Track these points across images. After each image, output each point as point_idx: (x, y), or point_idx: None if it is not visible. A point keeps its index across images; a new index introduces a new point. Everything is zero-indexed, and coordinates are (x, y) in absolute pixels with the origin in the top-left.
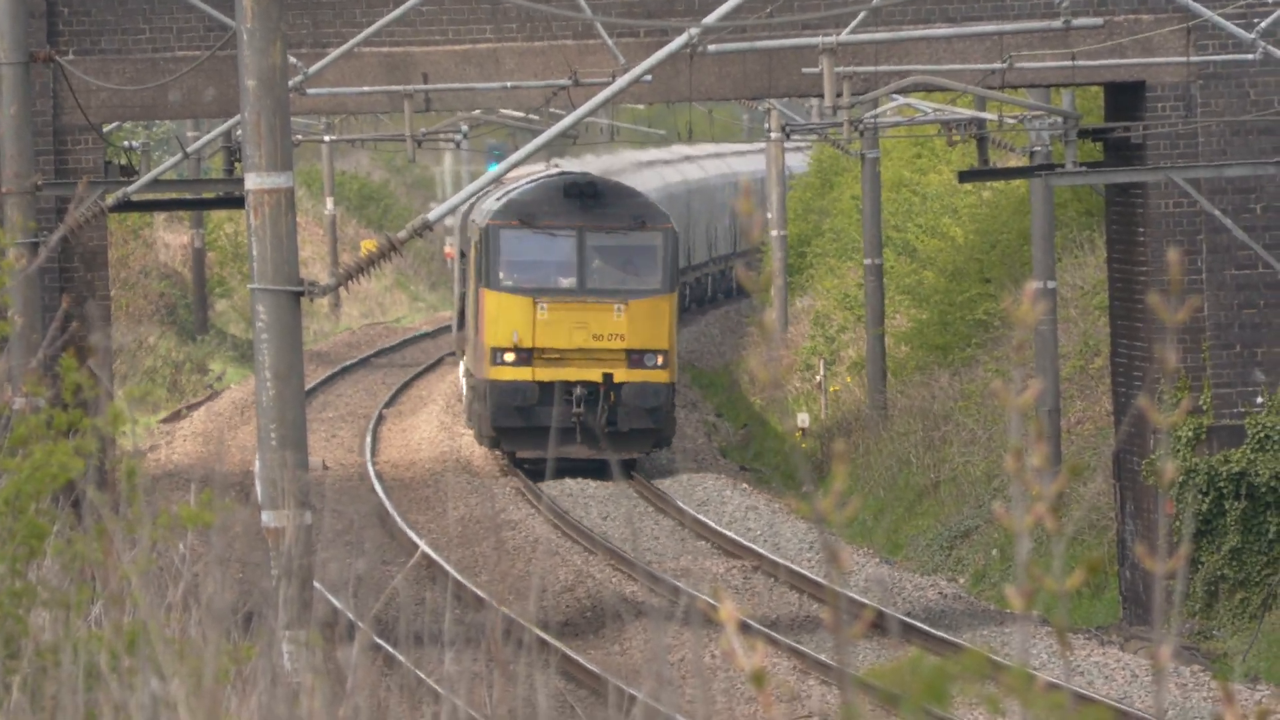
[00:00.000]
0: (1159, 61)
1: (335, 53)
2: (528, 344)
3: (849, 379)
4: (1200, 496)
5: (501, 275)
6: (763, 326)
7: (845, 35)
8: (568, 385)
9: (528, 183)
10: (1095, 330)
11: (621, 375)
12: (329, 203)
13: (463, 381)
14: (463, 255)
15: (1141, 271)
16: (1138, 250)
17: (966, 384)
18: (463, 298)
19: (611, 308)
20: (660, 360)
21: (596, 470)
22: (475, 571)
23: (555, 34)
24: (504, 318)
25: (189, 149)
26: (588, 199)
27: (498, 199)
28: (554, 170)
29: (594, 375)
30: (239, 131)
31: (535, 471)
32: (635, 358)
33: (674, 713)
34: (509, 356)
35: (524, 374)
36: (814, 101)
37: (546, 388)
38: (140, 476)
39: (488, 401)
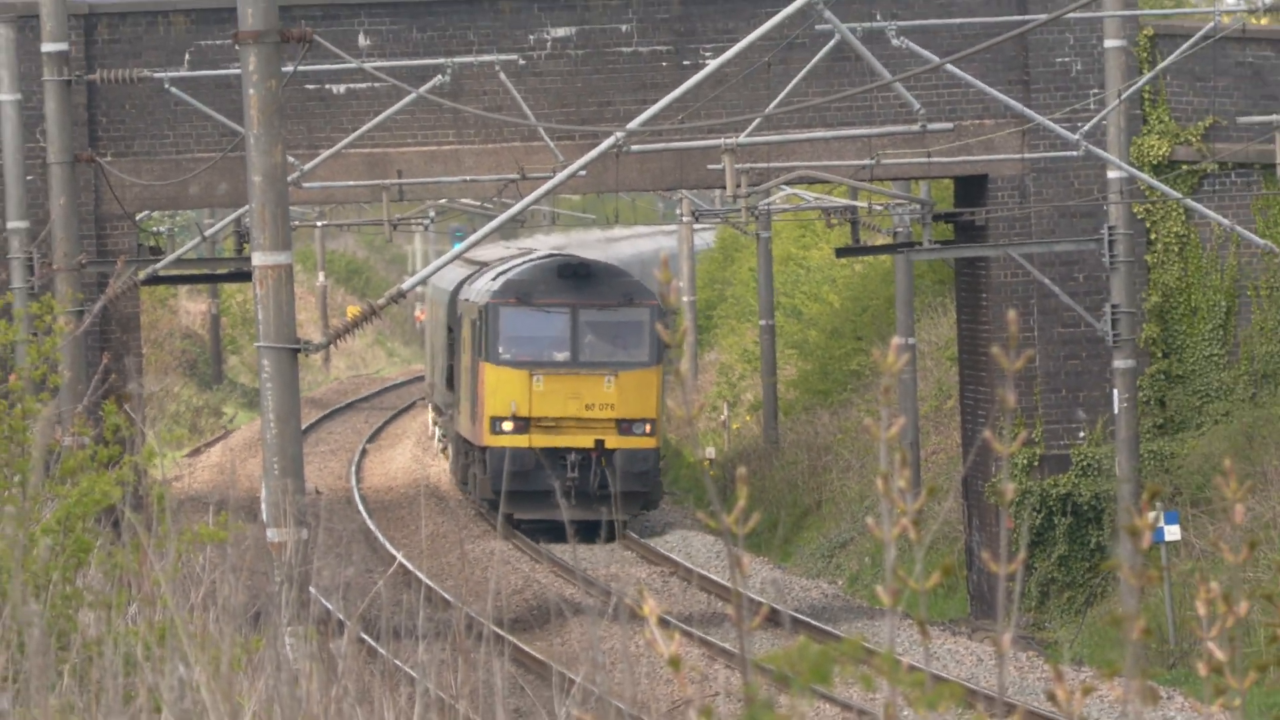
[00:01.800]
0: (999, 158)
1: (326, 154)
2: (525, 413)
3: (748, 418)
4: (1034, 513)
5: (501, 349)
6: (679, 375)
7: (742, 138)
8: (562, 452)
9: (524, 264)
10: (947, 377)
11: (613, 442)
12: (320, 275)
13: (435, 429)
14: (450, 330)
15: (985, 329)
16: (981, 312)
17: (843, 421)
18: (450, 368)
19: (602, 379)
20: (648, 428)
21: (589, 532)
22: (442, 578)
23: (506, 138)
24: (503, 389)
25: (206, 233)
26: (580, 279)
27: (494, 278)
28: (548, 253)
29: (587, 442)
30: (247, 218)
31: (532, 532)
32: (625, 425)
33: (605, 692)
34: (507, 425)
35: (521, 441)
36: (717, 191)
37: (541, 454)
38: (168, 501)
39: (488, 467)
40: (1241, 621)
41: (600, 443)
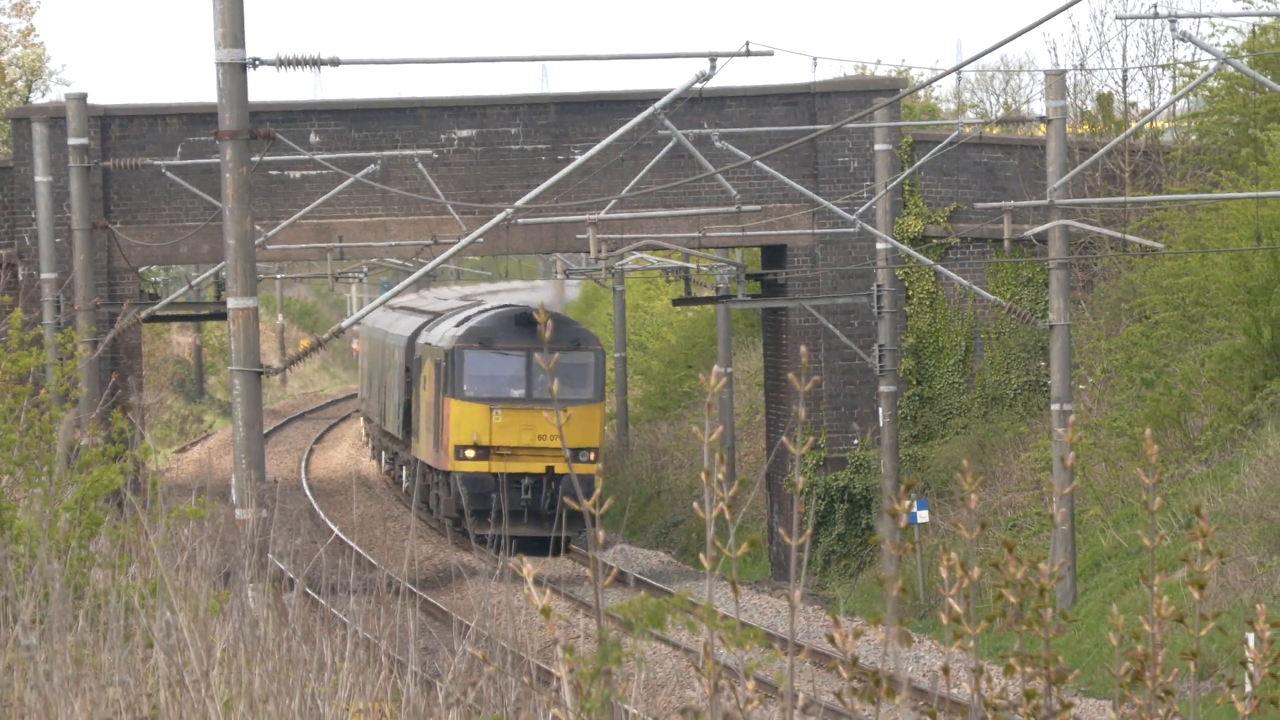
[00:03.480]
0: (795, 232)
1: (284, 223)
2: (485, 442)
3: (606, 428)
4: (820, 500)
5: (465, 387)
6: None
7: (603, 215)
8: (517, 476)
9: (484, 313)
10: (756, 398)
11: (561, 468)
12: (279, 316)
13: (365, 435)
14: (408, 370)
15: (784, 361)
16: (782, 348)
17: (677, 430)
18: (408, 403)
19: (553, 412)
20: (592, 456)
21: (541, 546)
22: (370, 547)
23: (422, 212)
24: (466, 421)
25: (193, 283)
26: (534, 326)
27: (456, 325)
28: (502, 304)
29: (539, 468)
30: (224, 272)
31: (495, 545)
32: (572, 454)
33: (492, 634)
34: (470, 453)
35: (482, 467)
36: (584, 254)
37: (500, 478)
38: (160, 487)
39: (451, 489)
40: (974, 583)
41: (551, 469)
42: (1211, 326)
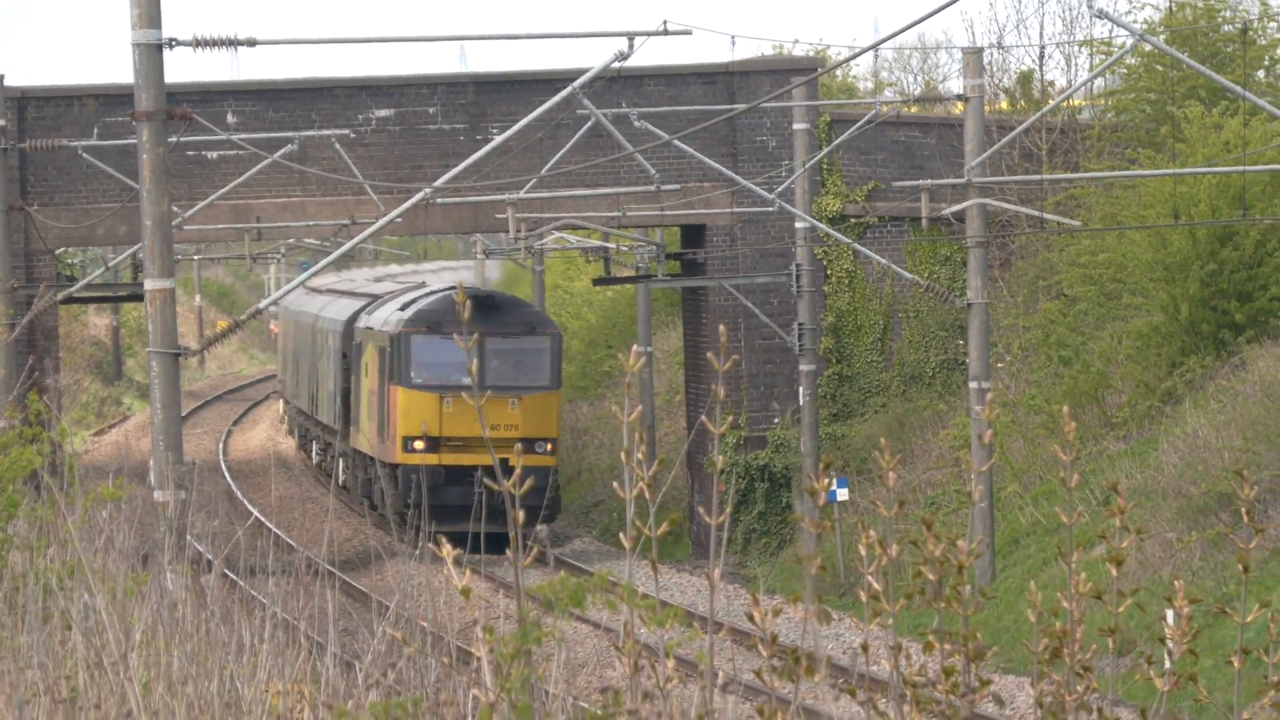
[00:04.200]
0: (715, 211)
1: (201, 204)
2: (435, 433)
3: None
4: (740, 479)
5: (413, 374)
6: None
7: (522, 194)
8: (469, 469)
9: (433, 295)
10: (676, 377)
11: (515, 460)
12: (197, 297)
13: (284, 415)
14: (345, 356)
15: (703, 340)
16: (701, 328)
17: (598, 410)
18: (346, 391)
19: (507, 402)
20: (549, 447)
21: (497, 543)
22: (289, 528)
23: (340, 192)
24: (414, 411)
25: (109, 264)
26: (487, 309)
27: (402, 309)
28: (449, 285)
29: (490, 460)
30: (141, 253)
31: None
32: (527, 444)
33: (411, 615)
34: (418, 444)
35: (431, 459)
36: (504, 234)
37: (450, 471)
38: (77, 469)
39: (399, 483)
40: (893, 561)
41: (504, 461)
42: (1129, 304)
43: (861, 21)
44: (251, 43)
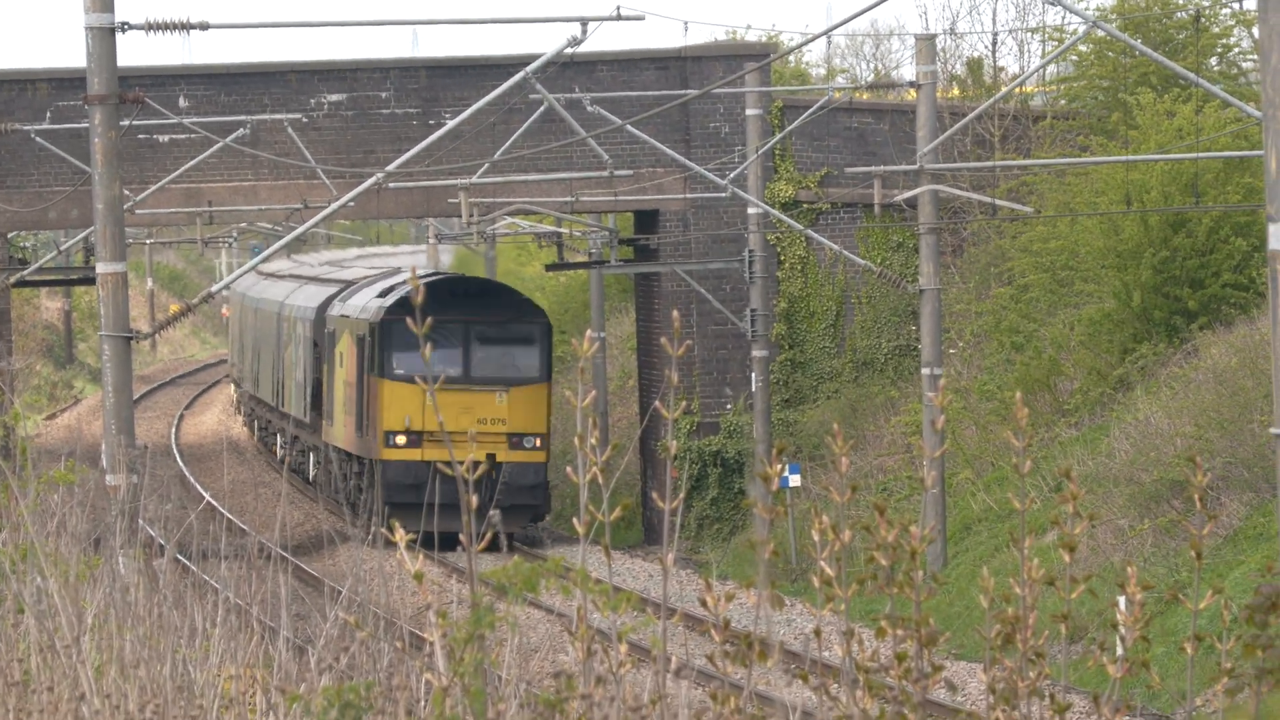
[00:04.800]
0: (668, 197)
1: (153, 188)
2: (418, 427)
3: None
4: (693, 465)
5: (395, 365)
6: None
7: (475, 179)
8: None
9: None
10: (629, 362)
11: (503, 455)
12: (149, 281)
13: (236, 400)
14: (315, 344)
15: (656, 326)
16: (654, 313)
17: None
18: (317, 381)
19: (494, 394)
20: (538, 442)
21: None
22: (241, 512)
23: (292, 176)
24: (396, 404)
25: (62, 248)
26: (472, 296)
27: (381, 294)
28: (430, 271)
29: (478, 456)
30: (93, 237)
31: (425, 542)
32: (515, 440)
33: (364, 600)
34: (401, 439)
35: (414, 454)
36: (456, 219)
37: (435, 467)
38: (30, 452)
39: (381, 479)
40: (846, 546)
41: (492, 456)
42: (1081, 290)
43: (814, 7)
44: (204, 26)
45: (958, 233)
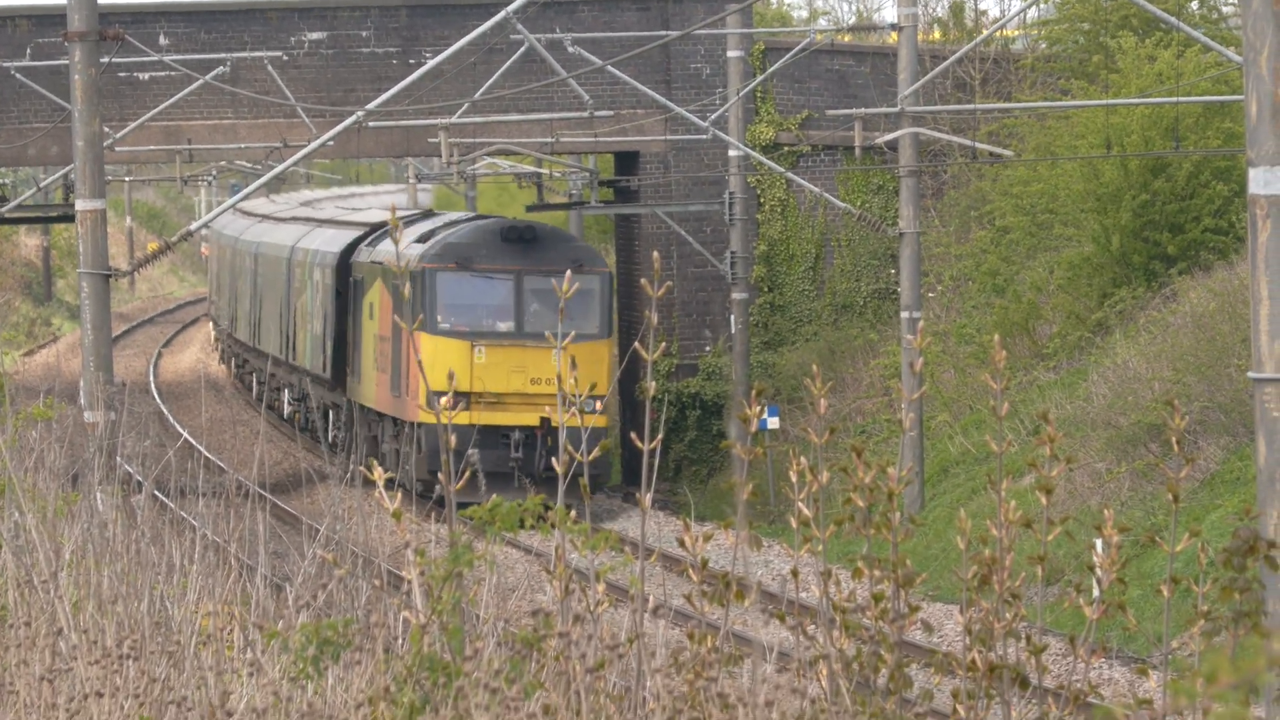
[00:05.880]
0: (648, 139)
1: (133, 125)
2: (465, 388)
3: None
4: (671, 407)
5: (439, 318)
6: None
7: (455, 119)
8: (505, 430)
9: (461, 225)
10: None
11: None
12: (128, 219)
13: (214, 338)
14: (339, 294)
15: (637, 268)
16: (635, 255)
17: None
18: (340, 335)
19: (549, 351)
20: (599, 405)
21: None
22: (219, 450)
23: (272, 114)
24: (440, 361)
25: (41, 184)
26: (525, 243)
27: (420, 239)
28: (473, 214)
29: (531, 420)
30: (73, 174)
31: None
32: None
33: (342, 538)
34: (444, 401)
35: (460, 418)
36: (436, 159)
37: (483, 432)
38: (8, 389)
39: (424, 446)
40: (823, 488)
41: (546, 420)
42: (1060, 234)
43: None
44: None
45: (938, 176)
